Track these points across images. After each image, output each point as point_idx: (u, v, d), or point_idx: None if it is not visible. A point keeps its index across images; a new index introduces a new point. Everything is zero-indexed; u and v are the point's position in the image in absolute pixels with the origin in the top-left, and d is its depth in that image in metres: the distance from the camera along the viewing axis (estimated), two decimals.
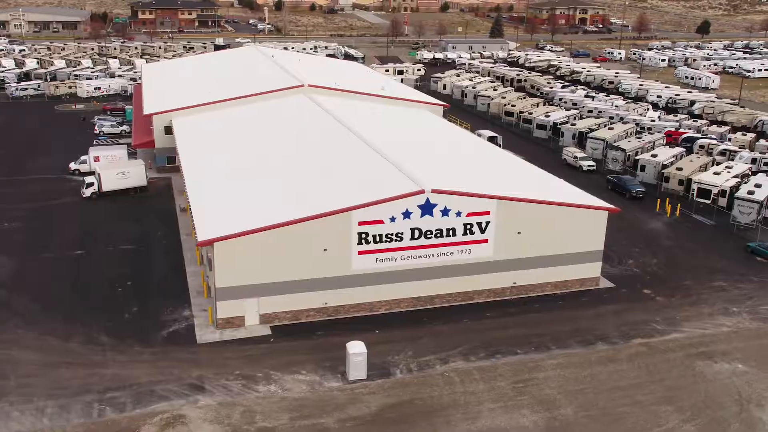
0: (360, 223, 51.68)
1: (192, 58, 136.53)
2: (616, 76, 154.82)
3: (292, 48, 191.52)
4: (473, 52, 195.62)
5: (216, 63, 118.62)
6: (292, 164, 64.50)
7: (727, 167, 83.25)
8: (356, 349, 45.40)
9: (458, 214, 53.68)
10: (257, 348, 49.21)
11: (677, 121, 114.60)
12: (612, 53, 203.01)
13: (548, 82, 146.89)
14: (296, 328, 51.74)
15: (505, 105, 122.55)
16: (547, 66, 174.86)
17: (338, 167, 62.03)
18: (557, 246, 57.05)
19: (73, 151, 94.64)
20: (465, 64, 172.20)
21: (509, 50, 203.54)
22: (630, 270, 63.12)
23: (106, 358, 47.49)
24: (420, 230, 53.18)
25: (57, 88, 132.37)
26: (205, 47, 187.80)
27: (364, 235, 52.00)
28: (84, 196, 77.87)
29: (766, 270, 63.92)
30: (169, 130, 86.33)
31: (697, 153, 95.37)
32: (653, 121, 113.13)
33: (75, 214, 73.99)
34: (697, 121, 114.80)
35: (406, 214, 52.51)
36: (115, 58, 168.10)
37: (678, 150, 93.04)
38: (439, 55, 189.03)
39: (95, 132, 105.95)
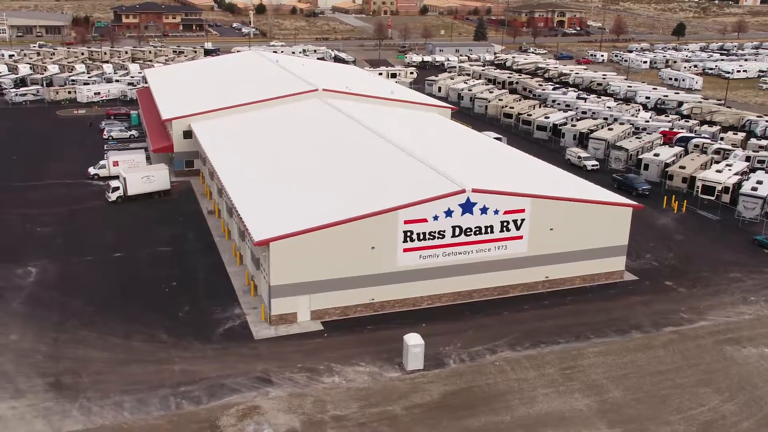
0: (405, 222, 54.19)
1: (195, 62, 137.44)
2: (604, 78, 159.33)
3: (281, 51, 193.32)
4: (461, 56, 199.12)
5: (222, 67, 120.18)
6: (328, 166, 66.83)
7: (727, 165, 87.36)
8: (414, 341, 47.88)
9: (496, 212, 56.47)
10: (313, 342, 51.42)
11: (669, 122, 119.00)
12: (594, 55, 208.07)
13: (540, 85, 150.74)
14: (346, 323, 54.05)
15: (503, 107, 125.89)
16: (534, 68, 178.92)
17: (374, 168, 64.47)
18: (585, 241, 60.14)
19: (86, 156, 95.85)
20: (455, 67, 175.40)
21: (495, 53, 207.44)
22: (649, 263, 66.48)
23: (170, 355, 49.33)
24: (460, 228, 55.85)
25: (57, 93, 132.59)
26: (195, 52, 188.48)
27: (409, 233, 54.52)
28: (110, 200, 79.13)
29: None
30: (187, 135, 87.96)
31: (692, 152, 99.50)
32: (647, 121, 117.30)
33: (104, 218, 75.29)
34: (688, 121, 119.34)
35: (448, 213, 55.14)
36: (107, 62, 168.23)
37: (677, 149, 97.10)
38: (427, 58, 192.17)
39: (104, 137, 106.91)
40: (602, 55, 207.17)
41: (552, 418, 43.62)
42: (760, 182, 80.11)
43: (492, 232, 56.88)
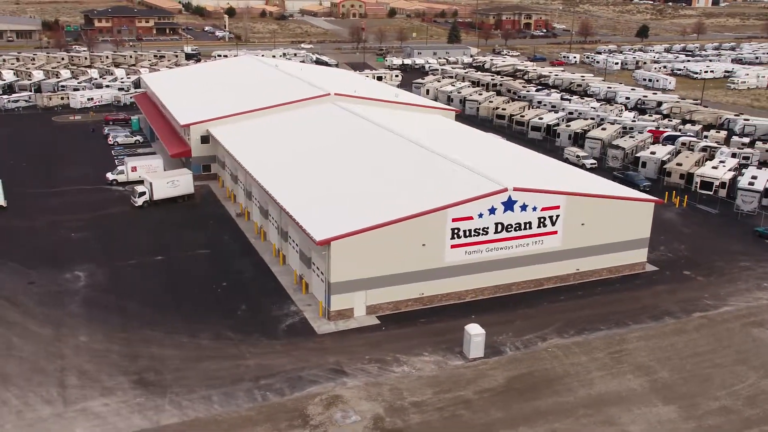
0: (453, 220, 57.36)
1: (194, 67, 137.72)
2: (583, 79, 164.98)
3: (263, 55, 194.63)
4: (439, 58, 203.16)
5: (224, 72, 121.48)
6: (362, 167, 69.60)
7: (720, 162, 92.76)
8: (476, 330, 51.09)
9: (534, 209, 60.05)
10: (374, 336, 54.19)
11: (654, 121, 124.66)
12: (567, 57, 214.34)
13: (523, 86, 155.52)
14: (399, 317, 56.93)
15: (495, 108, 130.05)
16: (513, 71, 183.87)
17: (410, 169, 67.41)
18: (612, 235, 64.14)
19: (96, 162, 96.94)
20: (437, 70, 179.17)
21: (471, 55, 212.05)
22: (665, 255, 70.89)
23: (241, 351, 51.55)
24: (502, 224, 59.26)
25: (50, 99, 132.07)
26: (177, 56, 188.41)
27: (456, 230, 57.70)
28: (136, 204, 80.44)
29: None
30: (205, 140, 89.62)
31: (681, 150, 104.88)
32: (634, 120, 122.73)
33: (133, 222, 76.66)
34: (672, 120, 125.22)
35: (492, 211, 58.49)
36: (89, 67, 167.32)
37: (670, 147, 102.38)
38: (407, 61, 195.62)
39: (109, 142, 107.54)
40: (574, 57, 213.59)
41: (611, 397, 47.26)
42: (754, 177, 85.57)
43: (530, 228, 60.45)
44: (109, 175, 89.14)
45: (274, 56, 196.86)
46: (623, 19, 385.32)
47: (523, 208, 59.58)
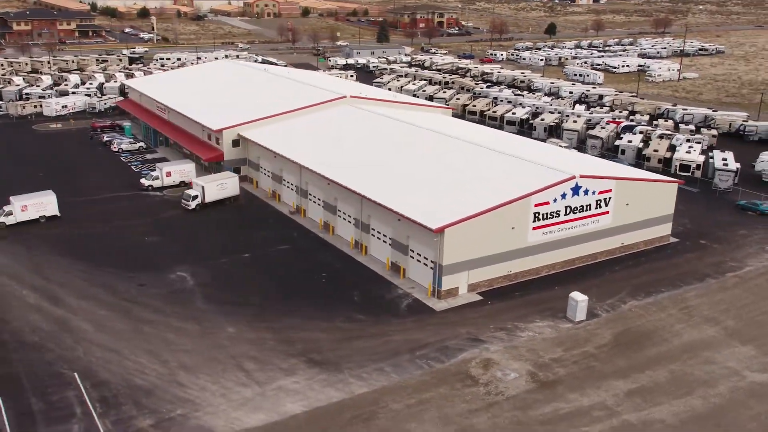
0: (535, 205, 65.97)
1: (178, 73, 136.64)
2: (525, 76, 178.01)
3: (206, 58, 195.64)
4: (379, 57, 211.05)
5: (217, 78, 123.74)
6: (422, 161, 76.64)
7: (690, 146, 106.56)
8: (581, 297, 59.99)
9: (593, 192, 69.66)
10: (484, 309, 61.94)
11: (606, 112, 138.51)
12: (495, 54, 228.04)
13: (476, 83, 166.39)
14: (495, 293, 64.92)
15: (465, 105, 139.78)
16: (455, 68, 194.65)
17: (472, 162, 75.17)
18: (648, 212, 74.95)
19: (110, 169, 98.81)
20: (386, 69, 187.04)
21: (406, 54, 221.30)
22: (677, 228, 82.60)
23: (381, 329, 57.87)
24: (570, 207, 68.48)
25: (23, 107, 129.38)
26: (120, 60, 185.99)
27: (537, 214, 66.36)
28: (189, 208, 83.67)
29: (760, 220, 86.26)
30: (236, 143, 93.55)
31: (649, 138, 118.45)
32: (590, 113, 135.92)
33: (196, 225, 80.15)
34: (622, 111, 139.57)
35: (563, 196, 67.56)
36: (40, 73, 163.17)
37: (640, 136, 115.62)
38: (350, 61, 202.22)
39: (113, 150, 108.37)
40: (502, 54, 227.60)
41: (699, 343, 57.45)
42: (725, 159, 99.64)
43: (590, 209, 70.04)
44: (144, 181, 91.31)
45: (216, 58, 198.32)
46: (521, 16, 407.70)
47: (585, 192, 69.06)
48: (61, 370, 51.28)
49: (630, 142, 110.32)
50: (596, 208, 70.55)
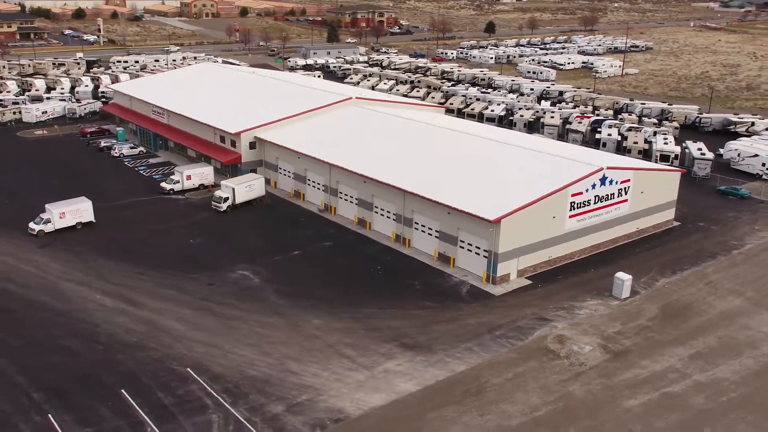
0: (572, 195, 72.05)
1: (165, 77, 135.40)
2: (485, 74, 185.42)
3: (159, 60, 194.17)
4: (337, 58, 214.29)
5: (207, 81, 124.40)
6: (450, 157, 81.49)
7: (665, 138, 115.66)
8: (626, 277, 66.40)
9: (616, 182, 76.39)
10: (537, 292, 67.51)
11: (573, 108, 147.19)
12: (446, 53, 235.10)
13: (442, 82, 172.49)
14: (541, 277, 70.64)
15: (441, 103, 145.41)
16: (414, 68, 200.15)
17: (503, 158, 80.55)
18: (658, 198, 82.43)
19: (118, 174, 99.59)
20: (350, 69, 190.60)
21: (361, 54, 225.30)
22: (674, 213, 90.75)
23: (453, 314, 62.51)
24: (598, 197, 74.97)
25: (2, 114, 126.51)
26: (78, 64, 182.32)
27: (573, 204, 72.47)
28: (220, 210, 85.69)
29: (742, 203, 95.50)
30: (252, 146, 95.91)
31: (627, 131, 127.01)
32: (560, 109, 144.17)
33: (233, 225, 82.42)
34: (587, 106, 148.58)
35: (593, 186, 73.94)
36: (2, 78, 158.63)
37: (616, 129, 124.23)
38: (309, 62, 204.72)
39: (115, 155, 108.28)
40: (452, 53, 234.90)
41: (731, 313, 64.77)
42: (700, 149, 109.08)
43: (613, 198, 76.75)
44: (165, 185, 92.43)
45: (174, 60, 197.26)
46: (452, 15, 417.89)
47: (611, 182, 75.71)
48: (172, 366, 53.59)
49: (610, 135, 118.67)
50: (618, 196, 77.34)
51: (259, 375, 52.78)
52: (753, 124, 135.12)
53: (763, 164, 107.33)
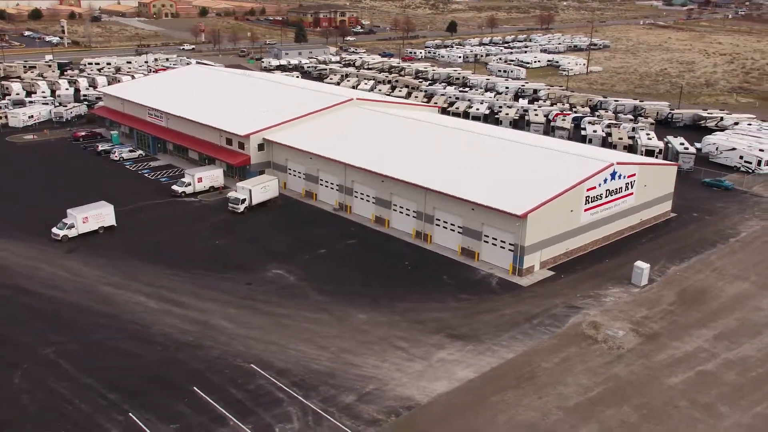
0: (587, 189, 75.99)
1: (158, 78, 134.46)
2: (459, 73, 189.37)
3: (132, 62, 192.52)
4: (309, 58, 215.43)
5: (199, 83, 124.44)
6: (472, 156, 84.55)
7: (648, 134, 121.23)
8: (644, 266, 70.58)
9: (624, 177, 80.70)
10: (562, 282, 71.18)
11: (552, 106, 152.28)
12: (414, 53, 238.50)
13: (420, 82, 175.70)
14: (561, 267, 74.34)
15: (426, 103, 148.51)
16: (388, 67, 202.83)
17: (514, 155, 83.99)
18: (658, 191, 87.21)
19: (123, 178, 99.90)
20: (326, 70, 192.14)
21: (332, 54, 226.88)
22: None
23: (489, 305, 65.64)
24: (609, 190, 79.13)
25: None
26: (50, 66, 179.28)
27: (588, 198, 76.41)
28: (238, 211, 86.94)
29: (728, 195, 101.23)
30: (261, 147, 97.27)
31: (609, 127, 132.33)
32: (539, 107, 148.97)
33: (254, 226, 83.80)
34: (564, 104, 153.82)
35: (605, 181, 78.05)
36: None
37: (599, 126, 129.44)
38: (283, 62, 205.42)
39: (115, 159, 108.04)
40: (421, 52, 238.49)
41: (742, 296, 69.59)
42: (682, 143, 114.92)
43: (621, 191, 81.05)
44: (176, 188, 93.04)
45: (146, 62, 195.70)
46: (409, 13, 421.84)
47: (619, 177, 79.99)
48: (235, 363, 55.27)
49: (595, 132, 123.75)
50: (625, 190, 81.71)
51: (322, 369, 54.88)
52: (722, 119, 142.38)
53: (741, 157, 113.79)
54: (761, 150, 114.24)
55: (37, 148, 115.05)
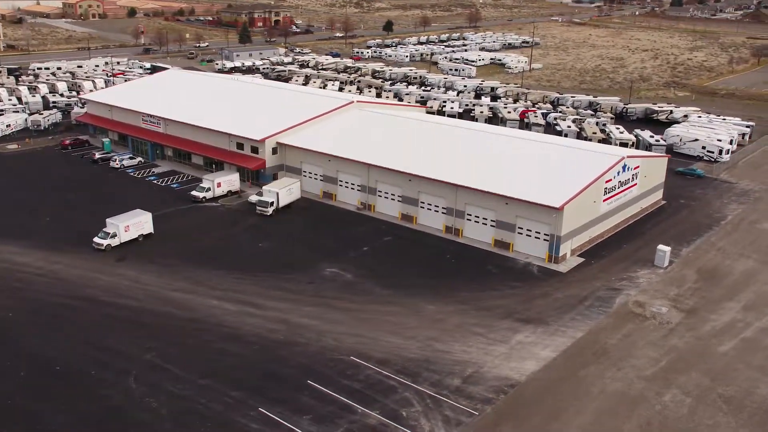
0: (606, 181, 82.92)
1: (141, 83, 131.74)
2: (415, 73, 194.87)
3: (83, 66, 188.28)
4: (262, 59, 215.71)
5: (186, 89, 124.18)
6: (492, 154, 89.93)
7: (618, 127, 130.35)
8: (665, 249, 78.01)
9: (630, 168, 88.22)
10: (594, 267, 77.68)
11: (514, 102, 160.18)
12: (361, 53, 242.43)
13: (383, 82, 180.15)
14: (588, 253, 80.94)
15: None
16: (343, 68, 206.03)
17: (531, 151, 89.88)
18: (653, 181, 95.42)
19: (130, 185, 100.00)
20: (285, 71, 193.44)
21: (281, 55, 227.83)
22: None
23: (540, 291, 71.25)
24: (620, 182, 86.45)
25: None
26: (3, 70, 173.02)
27: (606, 189, 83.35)
28: (267, 214, 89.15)
29: (701, 182, 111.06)
30: (274, 151, 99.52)
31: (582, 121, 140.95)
32: (506, 104, 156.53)
33: (288, 228, 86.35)
34: (527, 101, 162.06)
35: (617, 173, 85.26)
36: None
37: (572, 120, 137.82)
38: (236, 64, 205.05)
39: (116, 166, 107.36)
40: (366, 52, 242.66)
41: (753, 271, 78.10)
42: (653, 136, 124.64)
43: (629, 182, 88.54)
44: (196, 193, 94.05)
45: (96, 66, 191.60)
46: (336, 12, 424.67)
47: (629, 169, 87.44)
48: (335, 356, 58.52)
49: (569, 126, 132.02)
50: (632, 181, 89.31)
51: (417, 356, 58.94)
52: (671, 112, 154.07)
53: (703, 147, 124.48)
54: (719, 140, 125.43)
55: (28, 158, 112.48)
